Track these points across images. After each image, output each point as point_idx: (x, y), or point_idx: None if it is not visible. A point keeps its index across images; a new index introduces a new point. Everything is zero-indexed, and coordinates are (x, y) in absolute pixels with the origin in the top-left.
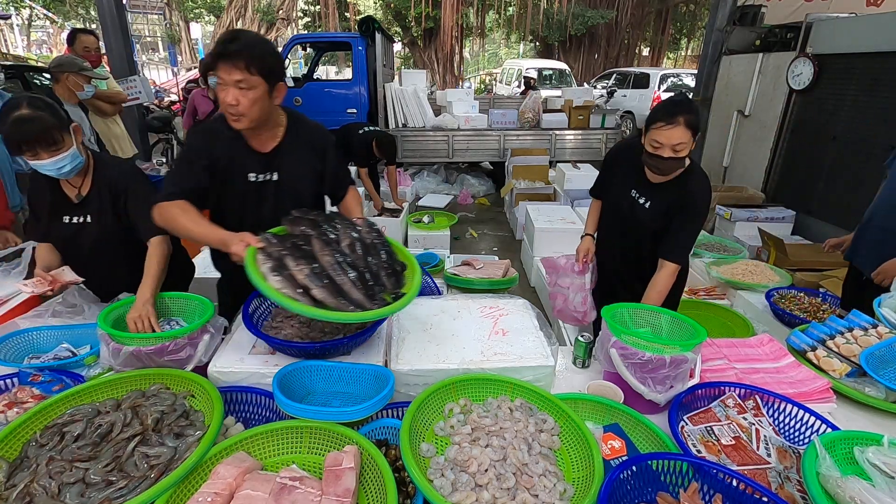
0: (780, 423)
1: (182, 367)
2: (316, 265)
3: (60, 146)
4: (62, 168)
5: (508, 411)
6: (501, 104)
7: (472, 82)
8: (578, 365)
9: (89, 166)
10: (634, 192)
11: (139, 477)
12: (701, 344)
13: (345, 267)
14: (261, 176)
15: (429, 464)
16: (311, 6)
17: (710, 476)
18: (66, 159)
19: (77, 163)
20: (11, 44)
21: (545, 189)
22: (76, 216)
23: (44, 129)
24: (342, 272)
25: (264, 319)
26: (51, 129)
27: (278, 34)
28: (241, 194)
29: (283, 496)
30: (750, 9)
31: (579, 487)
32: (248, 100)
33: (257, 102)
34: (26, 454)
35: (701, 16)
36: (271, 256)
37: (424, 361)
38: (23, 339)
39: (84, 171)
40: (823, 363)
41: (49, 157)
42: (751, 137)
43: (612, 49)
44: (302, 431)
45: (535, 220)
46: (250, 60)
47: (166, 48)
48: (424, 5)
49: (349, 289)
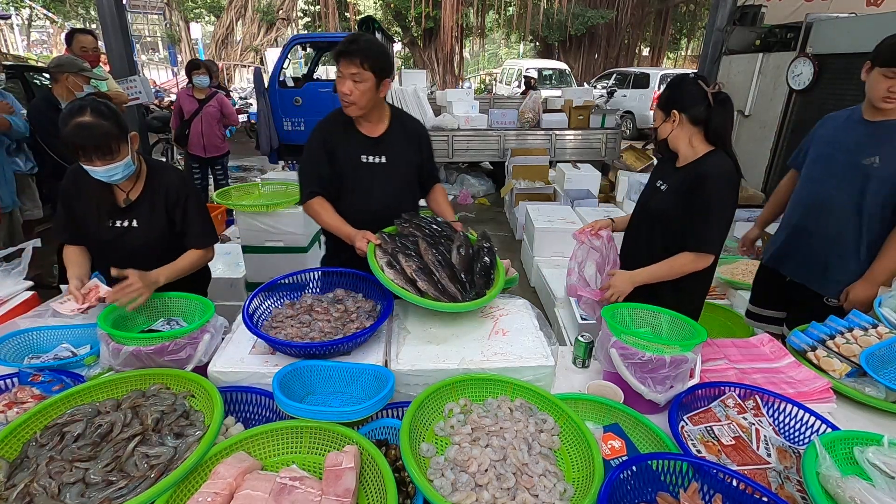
0: (780, 423)
1: (182, 367)
2: (421, 262)
3: (116, 156)
4: (114, 176)
5: (508, 411)
6: (501, 104)
7: (472, 82)
8: (578, 365)
9: (141, 171)
10: (659, 181)
11: (139, 477)
12: (701, 344)
13: (443, 265)
14: (371, 158)
15: (429, 464)
16: (311, 6)
17: (710, 476)
18: (119, 168)
19: (128, 171)
20: (11, 44)
21: (545, 189)
22: (122, 220)
23: (104, 138)
24: (441, 269)
25: (264, 320)
26: (110, 139)
27: (278, 34)
28: (355, 173)
29: (283, 496)
30: (750, 9)
31: (579, 487)
32: (359, 91)
33: (367, 93)
34: (26, 454)
35: (701, 16)
36: (387, 252)
37: (424, 361)
38: (23, 339)
39: (135, 176)
40: (823, 363)
41: (103, 165)
42: (751, 137)
43: (612, 49)
44: (302, 431)
45: (535, 220)
46: (364, 58)
47: (166, 48)
48: (424, 5)
49: (447, 283)
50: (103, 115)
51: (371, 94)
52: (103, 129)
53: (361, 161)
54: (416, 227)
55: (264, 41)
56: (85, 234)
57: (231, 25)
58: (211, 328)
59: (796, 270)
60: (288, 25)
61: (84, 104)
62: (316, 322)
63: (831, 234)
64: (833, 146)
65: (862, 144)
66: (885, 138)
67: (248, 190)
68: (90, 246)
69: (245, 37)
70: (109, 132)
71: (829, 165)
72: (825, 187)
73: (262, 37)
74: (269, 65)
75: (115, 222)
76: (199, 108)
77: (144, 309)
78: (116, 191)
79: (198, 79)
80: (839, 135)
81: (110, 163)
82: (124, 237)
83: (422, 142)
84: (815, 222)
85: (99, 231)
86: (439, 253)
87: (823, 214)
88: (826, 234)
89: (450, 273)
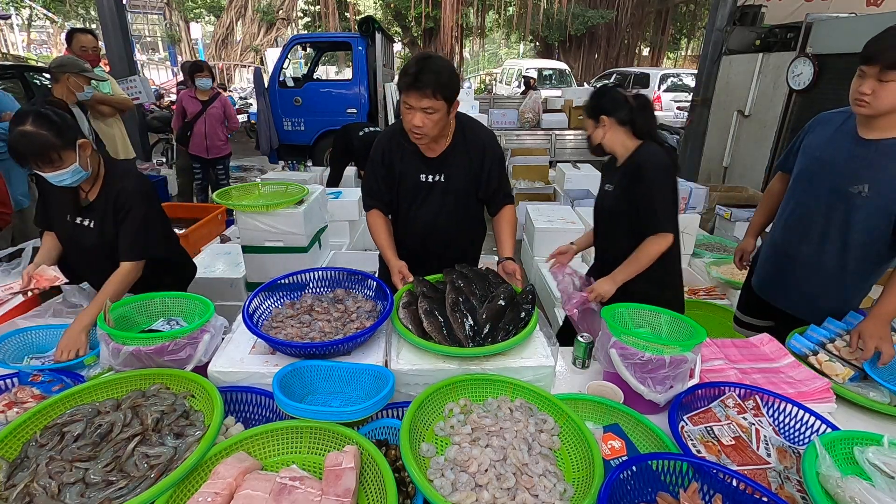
0: (780, 423)
1: (182, 367)
2: (436, 305)
3: (58, 164)
4: (63, 181)
5: (508, 411)
6: (501, 104)
7: (472, 82)
8: (578, 365)
9: (99, 174)
10: (607, 185)
11: (139, 477)
12: (701, 344)
13: (464, 312)
14: (430, 177)
15: (429, 464)
16: (311, 6)
17: (710, 476)
18: (65, 174)
19: (78, 177)
20: (11, 44)
21: (545, 189)
22: (81, 218)
23: (42, 148)
24: (458, 315)
25: (264, 319)
26: (48, 149)
27: (278, 34)
28: (413, 192)
29: (283, 496)
30: (750, 9)
31: (579, 487)
32: (431, 122)
33: (439, 122)
34: (26, 454)
35: (701, 16)
36: (412, 294)
37: (424, 361)
38: (23, 338)
39: (94, 178)
40: (826, 367)
41: (48, 172)
42: (751, 137)
43: (612, 49)
44: (302, 431)
45: (535, 220)
46: (437, 88)
47: (166, 48)
48: (424, 5)
49: (456, 328)
50: (45, 125)
51: (443, 122)
52: (41, 139)
53: (420, 180)
54: (460, 275)
55: (264, 41)
56: (56, 226)
57: (231, 25)
58: (211, 328)
59: (782, 300)
60: (288, 25)
61: (28, 112)
62: (316, 322)
63: (813, 262)
64: (821, 163)
65: (851, 168)
66: (876, 163)
67: (248, 190)
68: (60, 238)
69: (245, 37)
70: (47, 142)
71: (813, 185)
72: (808, 211)
73: (262, 37)
74: (269, 65)
75: (75, 219)
76: (202, 110)
77: (145, 309)
78: (79, 189)
79: (200, 81)
80: (829, 150)
81: (55, 170)
82: (84, 235)
83: (486, 155)
84: (797, 249)
85: (63, 225)
86: (468, 301)
87: (805, 242)
88: (808, 263)
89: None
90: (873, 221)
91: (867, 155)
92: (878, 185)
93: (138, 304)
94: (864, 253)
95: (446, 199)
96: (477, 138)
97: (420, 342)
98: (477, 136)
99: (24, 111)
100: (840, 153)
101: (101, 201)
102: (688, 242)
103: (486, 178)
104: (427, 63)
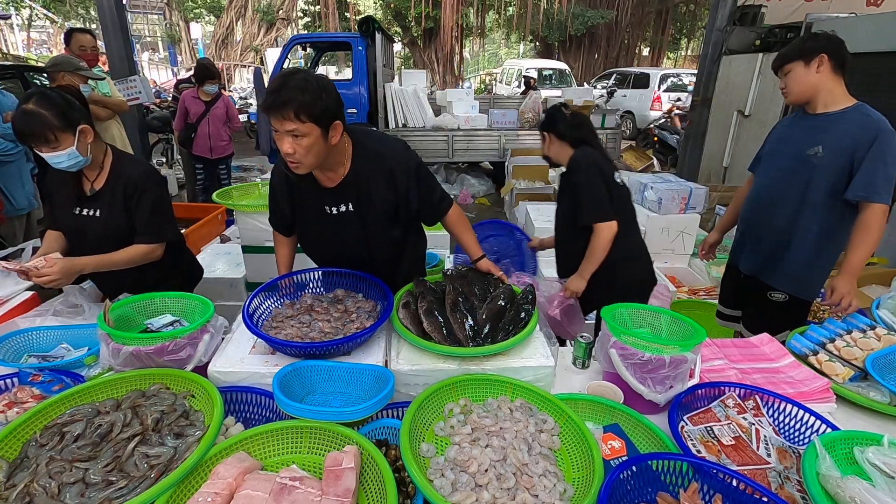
0: (780, 423)
1: (182, 367)
2: (435, 306)
3: (55, 145)
4: (59, 163)
5: (508, 411)
6: (501, 104)
7: (472, 82)
8: (578, 365)
9: (105, 163)
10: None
11: (139, 477)
12: (701, 344)
13: (464, 312)
14: (334, 209)
15: (429, 464)
16: (311, 6)
17: (710, 476)
18: (61, 157)
19: (75, 162)
20: (11, 44)
21: (545, 189)
22: (87, 209)
23: (40, 127)
24: (458, 315)
25: (264, 319)
26: (46, 129)
27: (278, 34)
28: (321, 224)
29: (283, 496)
30: (750, 9)
31: (579, 487)
32: (303, 147)
33: (312, 148)
34: (26, 454)
35: (701, 16)
36: (412, 294)
37: (424, 361)
38: (23, 339)
39: (99, 166)
40: (826, 367)
41: (45, 152)
42: (751, 137)
43: (612, 49)
44: (302, 431)
45: (535, 220)
46: (300, 108)
47: (166, 48)
48: (424, 5)
49: (457, 328)
50: (46, 105)
51: (318, 148)
52: (42, 118)
53: (325, 212)
54: (462, 277)
55: (264, 41)
56: (59, 221)
57: (231, 25)
58: (211, 328)
59: (748, 263)
60: (288, 25)
61: (34, 92)
62: (316, 322)
63: (779, 225)
64: (781, 142)
65: (808, 136)
66: (826, 128)
67: (248, 190)
68: (64, 233)
69: (245, 37)
70: (47, 122)
71: (776, 160)
72: (773, 180)
73: (262, 37)
74: (269, 65)
75: (81, 210)
76: (206, 111)
77: (144, 309)
78: (84, 180)
79: (209, 87)
80: (787, 132)
81: (52, 151)
82: (88, 225)
83: (396, 177)
84: (764, 216)
85: (68, 218)
86: (468, 301)
87: (771, 207)
88: (774, 226)
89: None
90: (831, 179)
91: (818, 124)
92: (830, 145)
93: (138, 304)
94: (824, 212)
95: (361, 228)
96: (379, 162)
97: (420, 342)
98: (379, 159)
99: (31, 91)
100: (797, 130)
101: (108, 189)
102: (688, 242)
103: (405, 202)
104: (288, 80)
